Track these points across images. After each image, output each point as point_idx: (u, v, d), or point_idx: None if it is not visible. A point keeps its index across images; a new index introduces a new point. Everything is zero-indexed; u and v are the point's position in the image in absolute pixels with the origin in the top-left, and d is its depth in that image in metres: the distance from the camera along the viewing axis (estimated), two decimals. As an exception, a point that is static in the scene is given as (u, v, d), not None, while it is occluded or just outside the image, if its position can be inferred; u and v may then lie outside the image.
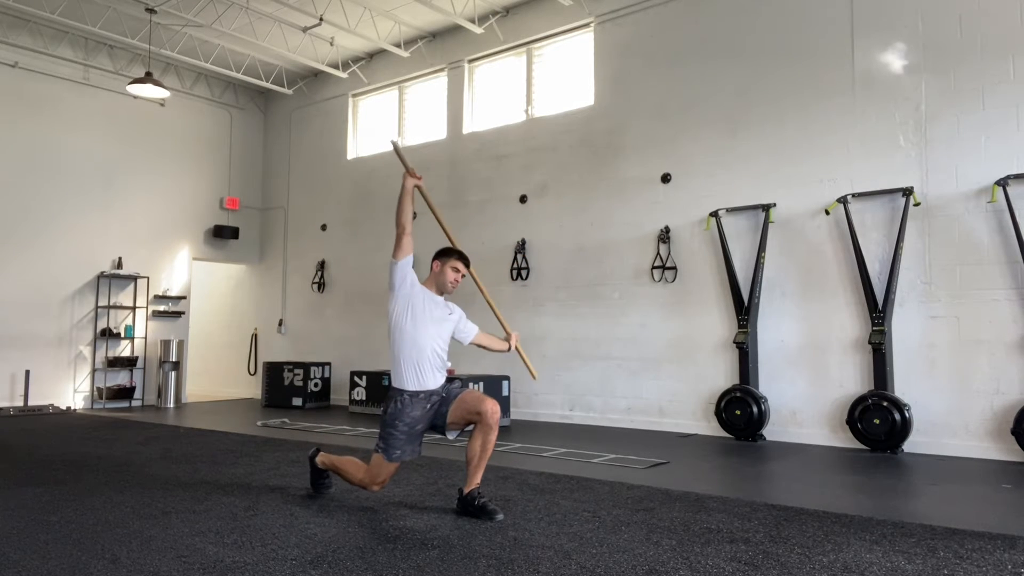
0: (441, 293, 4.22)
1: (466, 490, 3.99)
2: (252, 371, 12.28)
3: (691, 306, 7.83)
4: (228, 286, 13.10)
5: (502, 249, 9.38)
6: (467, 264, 4.27)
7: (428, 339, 4.10)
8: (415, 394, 4.06)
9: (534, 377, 4.72)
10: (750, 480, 5.37)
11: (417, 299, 4.10)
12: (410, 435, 4.06)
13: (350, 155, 11.57)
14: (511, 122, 9.60)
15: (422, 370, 4.08)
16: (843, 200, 6.79)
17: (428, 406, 4.09)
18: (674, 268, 7.96)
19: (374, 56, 11.17)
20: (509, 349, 4.43)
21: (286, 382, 10.63)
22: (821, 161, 7.09)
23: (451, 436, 4.19)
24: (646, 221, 8.21)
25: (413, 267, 4.17)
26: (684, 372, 7.81)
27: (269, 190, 12.71)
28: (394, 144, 4.61)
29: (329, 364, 10.86)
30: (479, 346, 4.41)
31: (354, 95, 11.62)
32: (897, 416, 6.22)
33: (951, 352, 6.33)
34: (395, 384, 4.11)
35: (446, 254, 4.25)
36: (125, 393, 10.59)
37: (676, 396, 7.84)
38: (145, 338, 10.99)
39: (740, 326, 7.23)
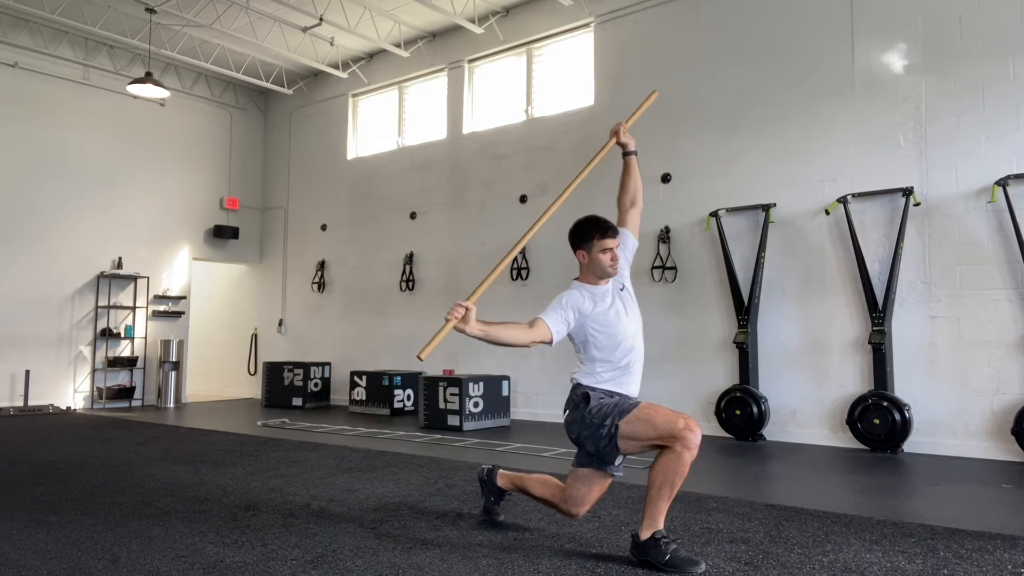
0: (605, 279, 3.47)
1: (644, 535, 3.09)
2: (252, 371, 12.27)
3: (691, 306, 7.83)
4: (228, 286, 13.10)
5: (502, 249, 9.35)
6: (614, 233, 3.46)
7: (631, 338, 3.42)
8: (611, 394, 3.40)
9: (654, 95, 4.31)
10: (750, 480, 5.37)
11: (595, 312, 3.34)
12: None
13: (350, 155, 11.57)
14: (511, 122, 9.60)
15: (630, 373, 3.46)
16: (843, 200, 6.79)
17: None
18: (674, 268, 7.96)
19: (374, 56, 11.17)
20: (628, 145, 3.97)
21: (286, 382, 10.62)
22: (821, 161, 7.09)
23: (617, 463, 3.37)
24: (646, 221, 8.06)
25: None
26: (684, 372, 7.80)
27: (269, 190, 12.71)
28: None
29: (329, 364, 10.86)
30: (634, 201, 3.97)
31: (354, 95, 11.62)
32: (897, 416, 6.22)
33: (951, 352, 6.33)
34: (587, 383, 3.37)
35: (585, 238, 3.46)
36: (125, 393, 10.59)
37: (676, 396, 7.83)
38: (145, 338, 10.99)
39: (740, 326, 7.23)
